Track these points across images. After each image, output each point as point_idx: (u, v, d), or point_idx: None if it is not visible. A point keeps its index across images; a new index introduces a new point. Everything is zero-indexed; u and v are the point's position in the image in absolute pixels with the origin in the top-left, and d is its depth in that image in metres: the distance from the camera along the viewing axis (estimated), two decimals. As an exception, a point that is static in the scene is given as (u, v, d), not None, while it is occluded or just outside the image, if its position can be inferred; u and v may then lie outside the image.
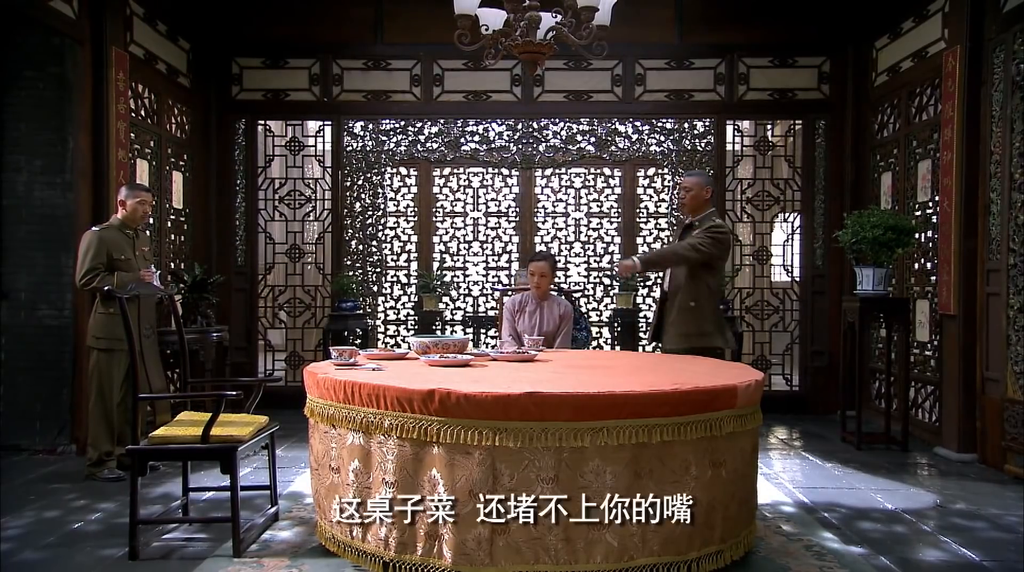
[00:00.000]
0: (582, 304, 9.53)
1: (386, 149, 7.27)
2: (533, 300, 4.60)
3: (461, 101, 7.22)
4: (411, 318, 8.22)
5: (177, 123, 6.57)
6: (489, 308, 9.49)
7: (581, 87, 7.24)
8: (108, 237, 4.50)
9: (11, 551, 3.33)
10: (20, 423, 5.24)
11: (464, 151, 7.25)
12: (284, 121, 7.24)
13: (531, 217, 9.50)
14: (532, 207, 9.54)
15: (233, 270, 7.05)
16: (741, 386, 2.87)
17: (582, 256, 9.52)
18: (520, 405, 2.59)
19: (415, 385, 2.70)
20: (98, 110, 5.23)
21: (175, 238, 6.50)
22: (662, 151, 7.34)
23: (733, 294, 7.36)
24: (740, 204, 7.40)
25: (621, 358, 3.92)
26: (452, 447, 2.64)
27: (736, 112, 7.27)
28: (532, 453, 2.61)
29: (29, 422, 5.23)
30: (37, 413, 5.24)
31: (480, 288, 9.38)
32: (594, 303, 9.49)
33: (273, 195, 7.25)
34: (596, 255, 9.54)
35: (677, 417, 2.70)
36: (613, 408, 2.63)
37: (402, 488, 2.72)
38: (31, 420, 5.23)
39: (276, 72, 7.10)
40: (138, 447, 3.18)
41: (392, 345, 8.14)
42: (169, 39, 6.40)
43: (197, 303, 6.09)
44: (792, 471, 4.93)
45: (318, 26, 6.97)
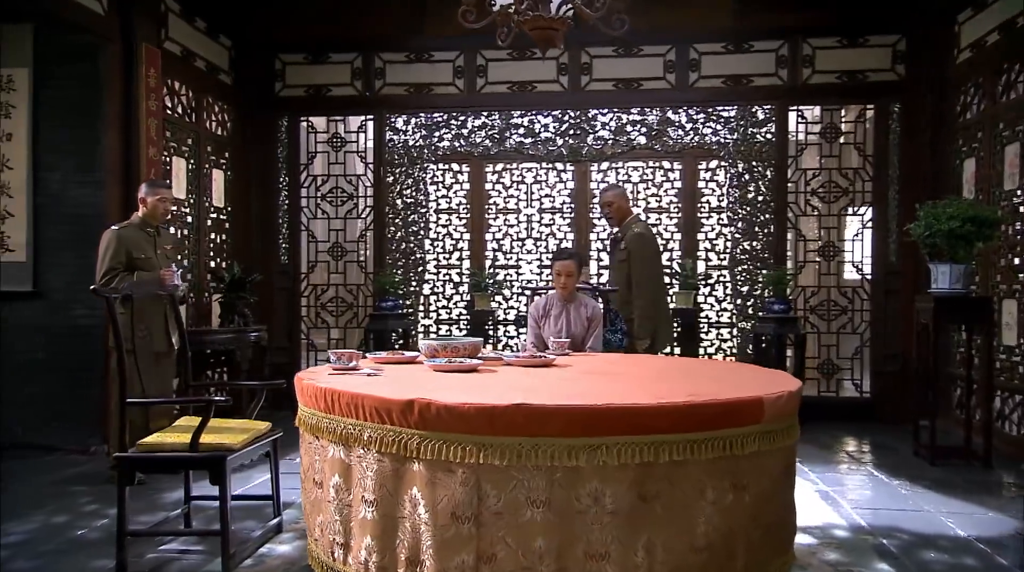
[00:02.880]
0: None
1: (429, 144, 7.05)
2: (559, 302, 4.28)
3: (505, 92, 6.95)
4: (463, 318, 8.01)
5: (218, 121, 6.51)
6: (543, 307, 9.20)
7: (631, 74, 6.87)
8: (128, 236, 4.41)
9: (7, 559, 3.24)
10: (55, 422, 5.25)
11: (509, 145, 6.97)
12: (326, 117, 7.12)
13: (586, 213, 9.15)
14: (587, 203, 9.19)
15: (276, 269, 6.97)
16: (769, 398, 2.50)
17: (641, 253, 9.14)
18: (507, 418, 2.30)
19: (394, 394, 2.44)
20: (128, 107, 5.18)
21: (215, 237, 6.44)
22: (719, 141, 6.89)
23: (796, 293, 6.86)
24: (804, 196, 6.89)
25: (649, 363, 3.57)
26: (433, 464, 2.36)
27: (800, 97, 6.77)
28: (521, 472, 2.31)
29: (64, 421, 5.23)
30: (71, 412, 5.23)
31: (534, 287, 9.10)
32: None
33: (315, 192, 7.14)
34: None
35: (689, 433, 2.36)
36: (613, 422, 2.31)
37: (382, 507, 2.46)
38: (65, 419, 5.23)
39: (318, 67, 6.98)
40: (125, 454, 3.03)
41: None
42: (209, 36, 6.34)
43: (235, 303, 6.01)
44: (852, 488, 4.47)
45: (360, 20, 6.80)
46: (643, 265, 4.97)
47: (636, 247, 4.98)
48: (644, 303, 4.90)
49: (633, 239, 5.01)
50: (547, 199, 9.29)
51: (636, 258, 4.95)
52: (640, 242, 5.01)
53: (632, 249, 4.97)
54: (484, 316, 8.23)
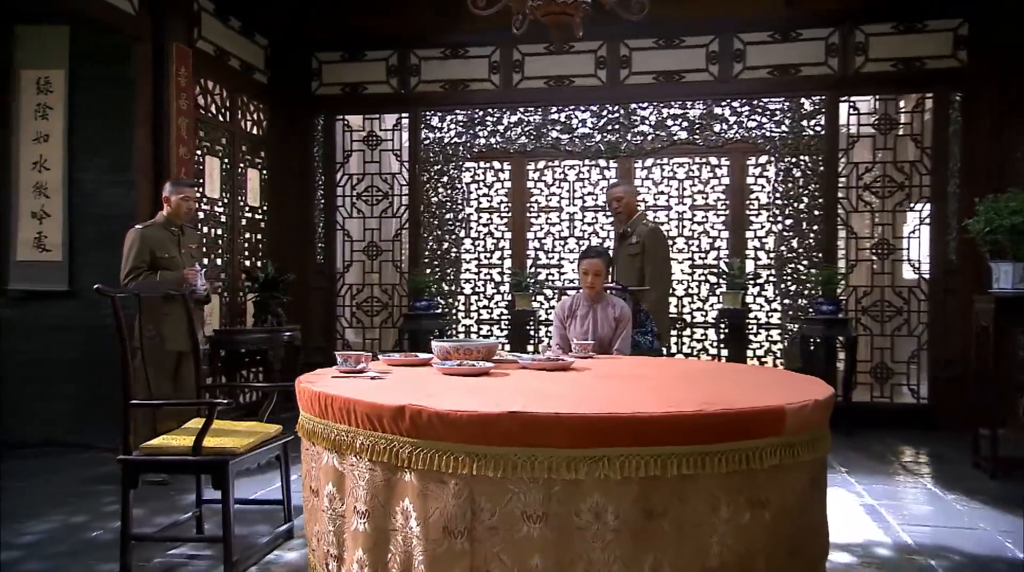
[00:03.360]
0: (685, 304, 8.89)
1: (464, 141, 6.92)
2: (585, 302, 4.10)
3: (542, 87, 6.79)
4: (504, 318, 7.88)
5: (253, 120, 6.51)
6: (586, 308, 9.00)
7: (672, 67, 6.63)
8: (151, 235, 4.39)
9: (17, 560, 3.22)
10: (89, 420, 5.29)
11: (546, 141, 6.79)
12: (362, 115, 7.07)
13: (631, 211, 8.94)
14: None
15: (312, 268, 6.94)
16: (791, 408, 2.29)
17: (685, 252, 8.86)
18: (501, 426, 2.14)
19: (386, 400, 2.31)
20: (159, 107, 5.18)
21: (250, 236, 6.44)
22: (764, 134, 6.60)
23: (847, 293, 6.53)
24: (856, 191, 6.56)
25: (673, 367, 3.37)
26: (425, 474, 2.22)
27: (852, 87, 6.44)
28: (517, 485, 2.15)
29: (97, 420, 5.26)
30: (104, 411, 5.24)
31: (576, 286, 8.92)
32: (698, 303, 8.82)
33: (351, 191, 7.09)
34: (701, 251, 8.86)
35: (699, 445, 2.16)
36: (615, 432, 2.13)
37: (374, 519, 2.33)
38: (98, 418, 5.25)
39: (354, 65, 6.93)
40: (129, 457, 2.97)
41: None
42: (244, 35, 6.34)
43: (268, 302, 5.99)
44: (901, 502, 4.18)
45: (396, 16, 6.72)
46: (658, 260, 4.97)
47: (651, 242, 4.94)
48: (657, 297, 4.89)
49: (648, 234, 4.97)
50: (590, 197, 9.10)
51: (652, 253, 4.92)
52: (655, 237, 4.99)
53: (647, 243, 4.92)
54: (525, 316, 8.09)
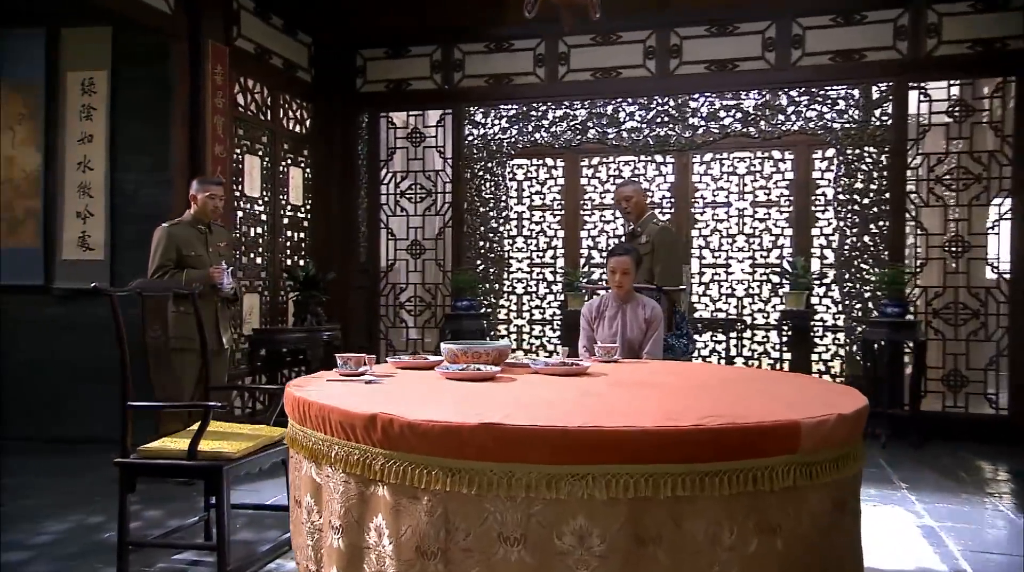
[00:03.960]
0: (746, 304, 8.50)
1: (508, 137, 6.74)
2: (614, 302, 3.86)
3: (589, 80, 6.55)
4: (557, 318, 7.70)
5: (296, 118, 6.48)
6: (641, 308, 8.71)
7: (725, 55, 6.30)
8: (178, 233, 4.37)
9: (25, 561, 3.20)
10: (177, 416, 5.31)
11: (592, 135, 6.55)
12: (406, 112, 6.98)
13: (687, 207, 8.60)
14: (689, 196, 8.63)
15: (355, 267, 6.88)
16: (809, 423, 2.03)
17: (746, 250, 8.49)
18: (476, 440, 1.96)
19: (360, 408, 2.15)
20: (195, 105, 5.17)
21: (292, 235, 6.41)
22: (825, 124, 6.20)
23: (917, 295, 6.07)
24: (926, 184, 6.10)
25: (697, 373, 3.11)
26: (398, 488, 2.06)
27: (923, 72, 5.99)
28: (493, 503, 1.96)
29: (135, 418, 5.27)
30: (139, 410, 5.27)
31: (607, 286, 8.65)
32: (760, 304, 8.43)
33: (395, 189, 7.01)
34: (763, 250, 8.47)
35: (698, 464, 1.93)
36: (601, 448, 1.92)
37: (348, 535, 2.18)
38: (136, 416, 5.26)
39: (398, 62, 6.84)
40: (126, 460, 2.90)
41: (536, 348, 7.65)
42: (286, 33, 6.32)
43: (307, 302, 5.94)
44: (966, 525, 3.80)
45: (439, 10, 6.59)
46: (670, 259, 4.81)
47: (662, 241, 4.77)
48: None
49: (659, 233, 4.81)
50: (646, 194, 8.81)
51: (663, 252, 4.75)
52: (666, 236, 4.84)
53: (657, 242, 4.75)
54: (577, 317, 7.86)
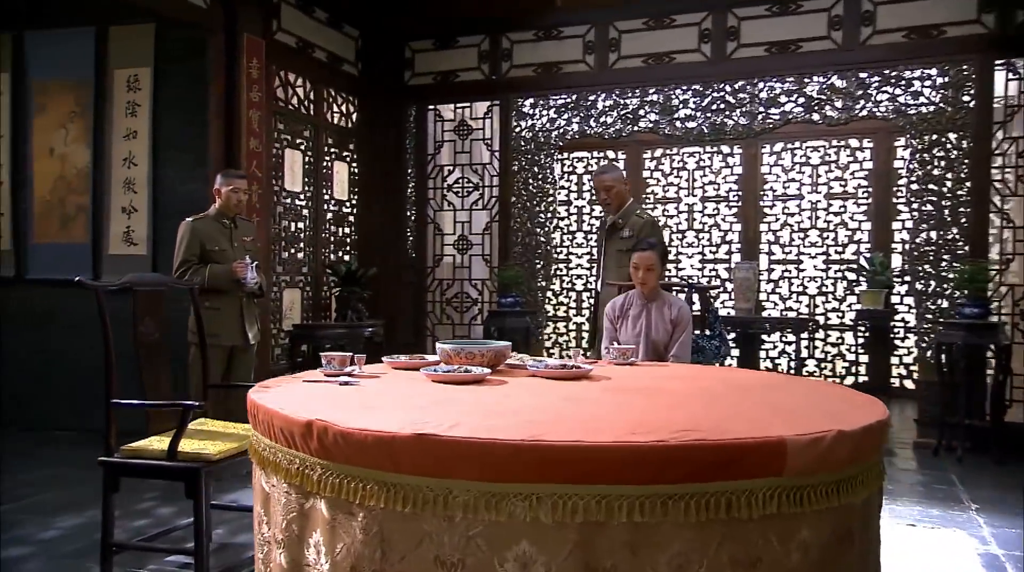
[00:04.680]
0: (818, 303, 8.00)
1: (556, 127, 6.49)
2: (638, 301, 3.58)
3: (640, 67, 6.23)
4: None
5: (342, 112, 6.42)
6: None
7: (786, 36, 5.88)
8: (201, 228, 4.33)
9: (24, 558, 3.20)
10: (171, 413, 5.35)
11: (642, 125, 6.22)
12: (453, 104, 6.83)
13: (756, 201, 8.19)
14: (758, 189, 8.21)
15: (403, 263, 6.78)
16: (797, 441, 1.74)
17: (819, 246, 8.01)
18: (409, 452, 1.76)
19: (299, 413, 1.98)
20: (230, 99, 5.15)
21: (336, 230, 6.36)
22: (898, 108, 5.70)
23: (1001, 294, 5.51)
24: (1016, 172, 5.52)
25: (714, 379, 2.79)
26: (335, 502, 1.88)
27: (1012, 48, 5.42)
28: (430, 523, 1.76)
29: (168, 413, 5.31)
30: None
31: (695, 284, 8.27)
32: (834, 303, 7.94)
33: (442, 183, 6.87)
34: (838, 245, 7.96)
35: (661, 485, 1.68)
36: (548, 465, 1.69)
37: (290, 550, 2.02)
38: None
39: (446, 53, 6.70)
40: (110, 459, 2.83)
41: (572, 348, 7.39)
42: (331, 27, 6.26)
43: (348, 297, 5.87)
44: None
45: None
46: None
47: (648, 234, 4.32)
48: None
49: (643, 225, 4.39)
50: (711, 186, 8.42)
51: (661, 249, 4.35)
52: (652, 229, 4.41)
53: (638, 235, 4.29)
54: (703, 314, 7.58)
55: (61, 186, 5.74)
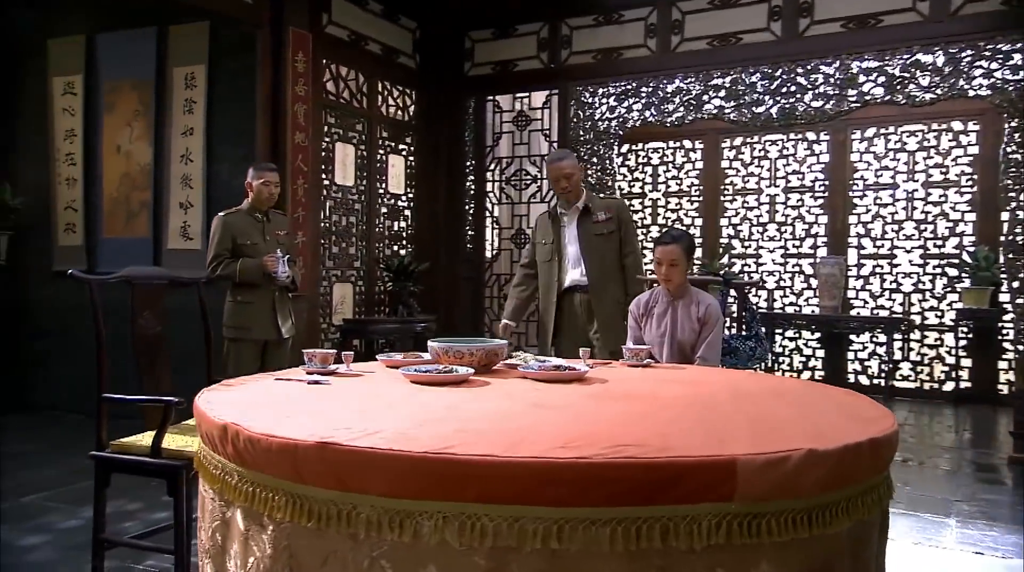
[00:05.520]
0: (914, 301, 7.38)
1: (616, 115, 6.20)
2: (664, 298, 3.29)
3: (704, 49, 5.87)
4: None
5: (398, 105, 6.35)
6: (787, 303, 7.83)
7: (866, 9, 5.40)
8: (233, 222, 4.32)
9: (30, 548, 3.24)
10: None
11: (706, 111, 5.85)
12: (512, 95, 6.65)
13: (844, 191, 7.64)
14: (847, 178, 7.65)
15: (461, 257, 6.66)
16: (751, 462, 1.48)
17: (916, 239, 7.39)
18: (311, 462, 1.59)
19: (220, 415, 1.85)
20: (276, 94, 5.15)
21: (391, 224, 6.29)
22: (993, 85, 5.13)
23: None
24: None
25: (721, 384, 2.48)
26: (248, 512, 1.75)
27: None
28: (334, 541, 1.60)
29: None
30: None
31: (776, 279, 7.82)
32: (932, 301, 7.31)
33: (500, 176, 6.70)
34: (937, 237, 7.32)
35: (582, 508, 1.46)
36: (454, 481, 1.49)
37: (215, 561, 1.90)
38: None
39: (505, 43, 6.53)
40: (101, 454, 2.81)
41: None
42: (387, 19, 6.19)
43: (400, 292, 5.80)
44: None
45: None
46: (636, 241, 4.06)
47: (627, 216, 4.01)
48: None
49: (621, 207, 4.04)
50: (795, 176, 7.91)
51: (629, 231, 3.99)
52: (629, 211, 4.11)
53: (623, 218, 3.97)
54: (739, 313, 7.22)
55: (126, 183, 5.91)
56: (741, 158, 8.06)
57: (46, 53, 6.21)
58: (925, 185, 7.39)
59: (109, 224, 6.01)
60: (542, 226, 4.12)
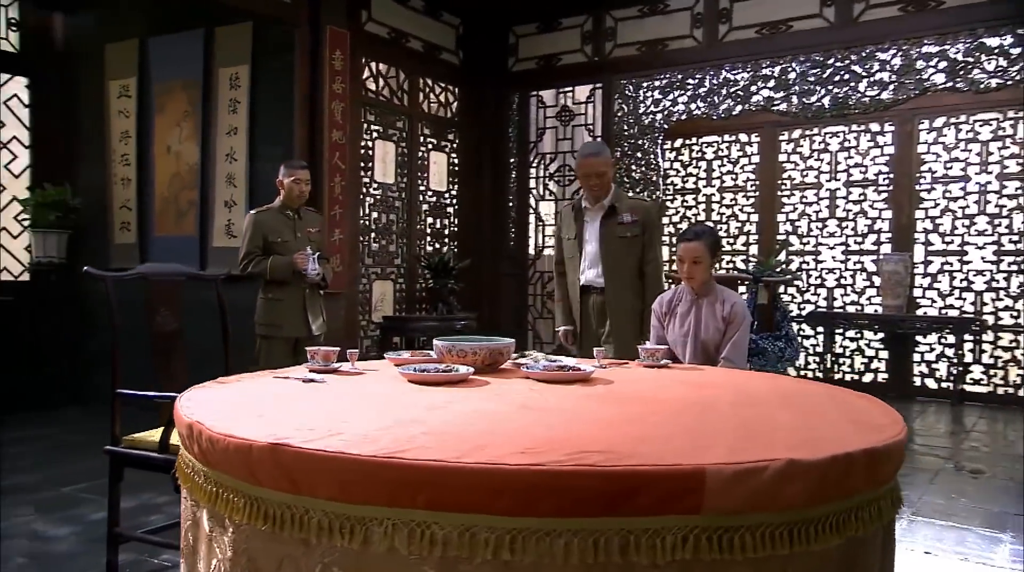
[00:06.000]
0: (987, 300, 6.96)
1: (661, 109, 6.03)
2: (688, 296, 3.14)
3: (753, 38, 5.65)
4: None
5: (440, 102, 6.32)
6: (848, 302, 7.50)
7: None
8: (264, 220, 4.34)
9: (56, 539, 3.30)
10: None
11: (755, 102, 5.63)
12: (555, 90, 6.53)
13: (910, 184, 7.27)
14: (913, 171, 7.28)
15: (504, 254, 6.59)
16: (722, 471, 1.36)
17: (989, 234, 6.98)
18: (264, 463, 1.54)
19: (190, 413, 1.82)
20: (314, 92, 5.17)
21: (433, 221, 6.26)
22: (1066, 68, 4.78)
23: None
24: None
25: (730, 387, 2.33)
26: (212, 513, 1.71)
27: None
28: (288, 545, 1.54)
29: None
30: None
31: (836, 277, 7.51)
32: (1007, 300, 6.90)
33: (543, 172, 6.60)
34: (1013, 233, 6.91)
35: (535, 519, 1.38)
36: (403, 487, 1.42)
37: (187, 561, 1.87)
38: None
39: (549, 36, 6.43)
40: (114, 449, 2.84)
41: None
42: (429, 16, 6.17)
43: (439, 289, 5.77)
44: None
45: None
46: (659, 247, 3.77)
47: (656, 222, 3.74)
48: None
49: (650, 210, 3.76)
50: (857, 169, 7.57)
51: (654, 237, 3.71)
52: (659, 216, 3.84)
53: (650, 223, 3.68)
54: (769, 312, 6.96)
55: (176, 182, 6.04)
56: (800, 151, 7.76)
57: (103, 58, 6.40)
58: (1000, 177, 6.97)
59: (160, 222, 6.15)
60: (566, 219, 3.93)
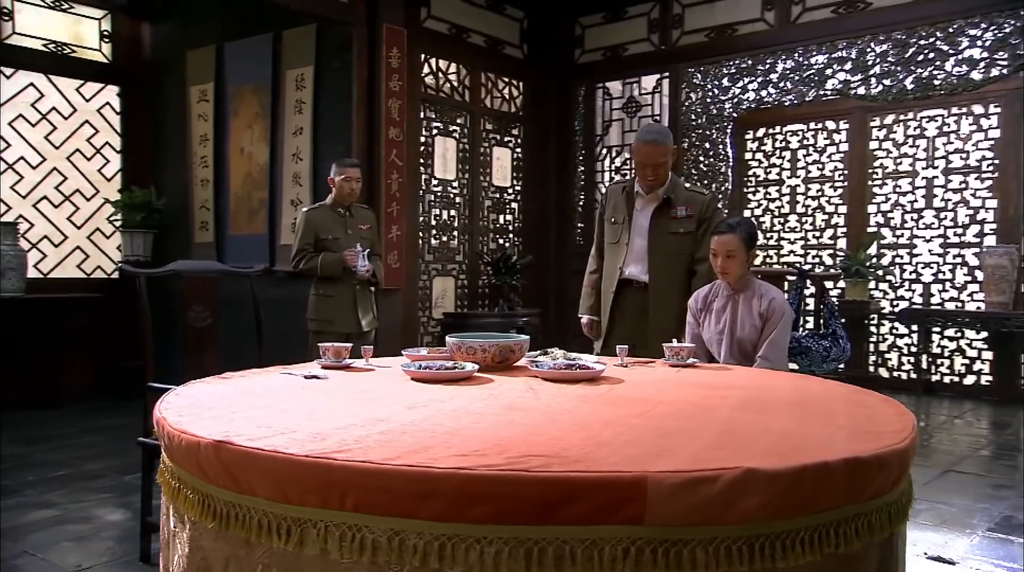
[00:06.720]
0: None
1: (730, 97, 5.76)
2: (724, 291, 2.94)
3: (828, 19, 5.34)
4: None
5: (503, 96, 6.26)
6: (946, 298, 6.99)
7: (1019, -42, 4.67)
8: (316, 217, 4.39)
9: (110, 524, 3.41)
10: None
11: (829, 87, 5.29)
12: (621, 81, 6.35)
13: (1018, 170, 6.73)
14: (1022, 157, 6.69)
15: (569, 250, 6.46)
16: (666, 480, 1.23)
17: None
18: (210, 460, 1.51)
19: (162, 410, 1.82)
20: (371, 90, 5.20)
21: (496, 217, 6.20)
22: None
23: None
24: None
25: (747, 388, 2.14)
26: (176, 509, 1.70)
27: None
28: (233, 545, 1.51)
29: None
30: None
31: (933, 272, 7.03)
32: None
33: (610, 165, 6.43)
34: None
35: (465, 525, 1.29)
36: (333, 488, 1.35)
37: (165, 553, 1.87)
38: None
39: (614, 26, 6.27)
40: (145, 440, 2.91)
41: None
42: (491, 10, 6.11)
43: (501, 286, 5.71)
44: None
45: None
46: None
47: (710, 215, 3.34)
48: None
49: (709, 205, 3.37)
50: (957, 156, 7.04)
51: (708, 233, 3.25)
52: (715, 208, 3.42)
53: (705, 219, 3.32)
54: (859, 309, 6.65)
55: (248, 182, 6.22)
56: (892, 138, 7.29)
57: (184, 64, 6.66)
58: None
59: (235, 222, 6.35)
60: (613, 200, 3.55)
